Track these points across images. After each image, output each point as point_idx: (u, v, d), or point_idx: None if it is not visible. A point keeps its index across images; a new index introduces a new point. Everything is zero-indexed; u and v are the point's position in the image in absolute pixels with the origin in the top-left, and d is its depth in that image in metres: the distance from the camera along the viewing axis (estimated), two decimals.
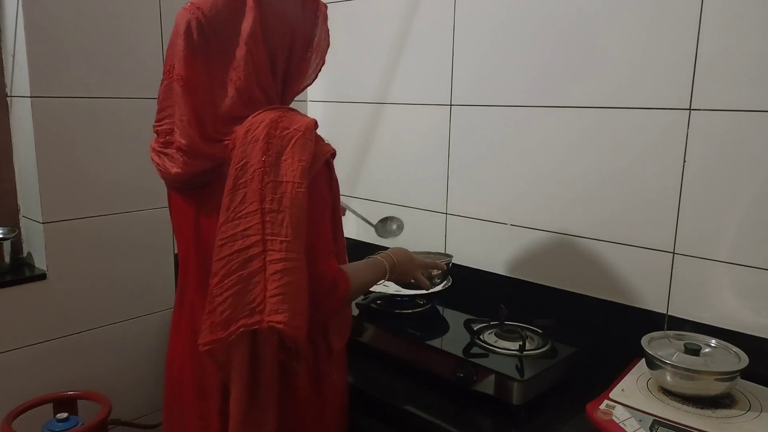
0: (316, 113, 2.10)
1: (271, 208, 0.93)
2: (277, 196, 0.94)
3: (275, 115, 0.98)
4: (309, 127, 0.98)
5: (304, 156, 0.95)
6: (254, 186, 0.94)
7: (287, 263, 0.92)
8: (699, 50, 1.23)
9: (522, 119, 1.53)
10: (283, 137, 0.96)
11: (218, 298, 0.94)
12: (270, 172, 0.94)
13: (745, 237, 1.22)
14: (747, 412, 1.09)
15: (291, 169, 0.94)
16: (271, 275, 0.92)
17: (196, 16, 0.99)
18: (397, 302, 1.52)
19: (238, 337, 0.93)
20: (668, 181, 1.30)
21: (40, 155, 1.54)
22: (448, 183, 1.72)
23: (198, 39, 0.99)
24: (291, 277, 0.92)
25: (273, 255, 0.92)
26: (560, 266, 1.50)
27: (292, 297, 0.92)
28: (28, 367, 1.60)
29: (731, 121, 1.21)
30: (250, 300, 0.92)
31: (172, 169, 1.03)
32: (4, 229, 1.65)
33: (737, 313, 1.24)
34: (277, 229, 0.93)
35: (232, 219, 0.95)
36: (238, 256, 0.93)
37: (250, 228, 0.93)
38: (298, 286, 0.93)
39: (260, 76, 1.01)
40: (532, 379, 1.17)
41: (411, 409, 1.21)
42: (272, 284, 0.92)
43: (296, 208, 0.94)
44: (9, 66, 1.59)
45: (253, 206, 0.94)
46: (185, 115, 1.00)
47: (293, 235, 0.93)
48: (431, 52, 1.70)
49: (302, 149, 0.96)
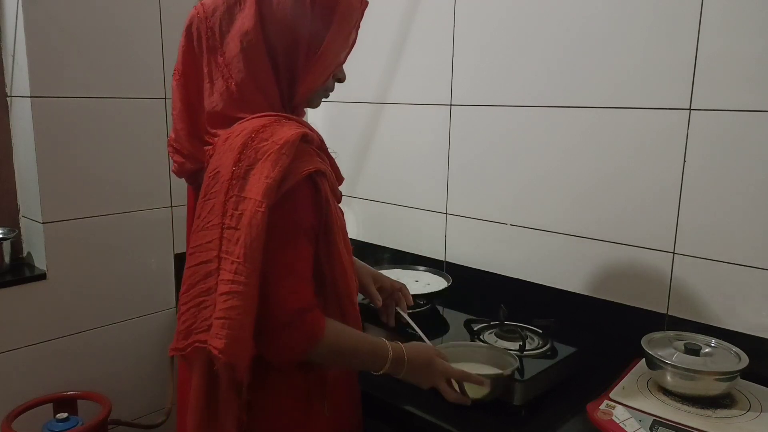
0: (316, 113, 2.09)
1: (230, 224, 0.89)
2: (237, 212, 0.88)
3: (259, 124, 0.92)
4: (289, 141, 0.90)
5: (273, 173, 0.88)
6: (220, 198, 0.90)
7: (234, 286, 0.87)
8: (699, 50, 1.23)
9: (522, 119, 1.53)
10: (257, 149, 0.90)
11: (183, 307, 0.93)
12: (236, 185, 0.89)
13: (745, 237, 1.22)
14: (747, 412, 1.09)
15: (256, 186, 0.88)
16: (219, 295, 0.88)
17: (198, 13, 0.99)
18: None
19: (194, 350, 0.91)
20: (668, 181, 1.30)
21: (40, 155, 1.54)
22: (448, 183, 1.72)
23: (196, 36, 0.99)
24: (236, 301, 0.87)
25: (224, 274, 0.88)
26: (560, 266, 1.50)
27: (234, 323, 0.86)
28: (28, 367, 1.60)
29: (731, 121, 1.21)
30: (205, 317, 0.90)
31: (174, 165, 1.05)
32: (4, 229, 1.65)
33: (737, 313, 1.24)
34: (231, 247, 0.88)
35: (200, 229, 0.92)
36: (201, 268, 0.92)
37: (211, 242, 0.90)
38: (242, 312, 0.87)
39: (258, 76, 0.96)
40: (532, 379, 1.17)
41: (411, 409, 1.21)
42: (219, 305, 0.87)
43: (253, 228, 0.87)
44: (9, 66, 1.59)
45: (216, 219, 0.90)
46: (176, 108, 1.01)
47: (244, 257, 0.87)
48: (431, 52, 1.70)
49: (273, 165, 0.88)
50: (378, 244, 1.93)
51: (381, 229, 1.92)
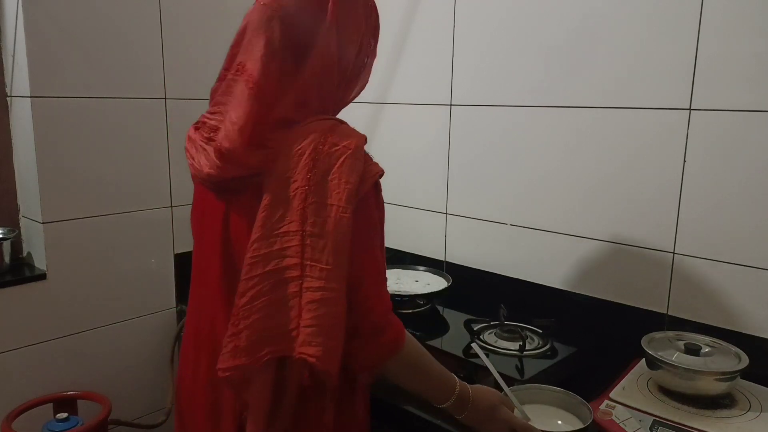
0: None
1: (313, 231, 0.86)
2: (320, 219, 0.86)
3: (325, 128, 0.91)
4: (359, 145, 0.91)
5: (352, 178, 0.88)
6: (296, 204, 0.87)
7: (326, 293, 0.85)
8: (699, 50, 1.23)
9: (522, 119, 1.53)
10: (331, 154, 0.88)
11: (244, 321, 0.86)
12: (314, 191, 0.87)
13: (745, 237, 1.22)
14: (747, 412, 1.09)
15: (337, 191, 0.87)
16: (307, 303, 0.85)
17: (280, 14, 0.91)
18: (397, 302, 1.52)
19: (264, 364, 0.86)
20: (668, 181, 1.30)
21: (40, 155, 1.54)
22: (448, 183, 1.72)
23: (281, 40, 0.91)
24: (328, 308, 0.85)
25: (311, 282, 0.85)
26: (560, 266, 1.50)
27: (328, 331, 0.85)
28: (28, 367, 1.60)
29: (731, 121, 1.21)
30: (281, 325, 0.86)
31: (205, 168, 0.94)
32: (4, 229, 1.65)
33: (737, 313, 1.24)
34: (317, 255, 0.85)
35: (267, 237, 0.87)
36: (271, 277, 0.86)
37: (288, 249, 0.86)
38: (335, 318, 0.86)
39: (324, 85, 0.95)
40: (532, 379, 1.17)
41: (411, 409, 1.21)
42: (307, 314, 0.85)
43: (340, 235, 0.86)
44: (9, 66, 1.59)
45: (293, 226, 0.86)
46: (241, 120, 0.90)
47: (335, 264, 0.85)
48: (431, 52, 1.70)
49: (350, 170, 0.88)
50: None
51: None
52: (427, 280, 1.63)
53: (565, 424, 1.07)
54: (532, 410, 1.09)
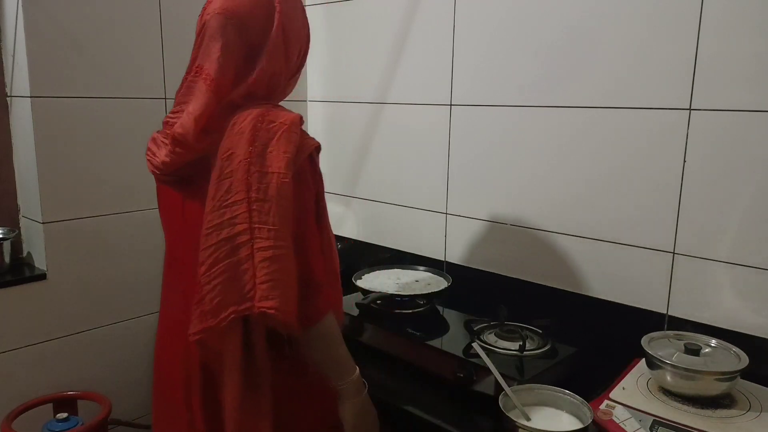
0: (316, 113, 2.10)
1: (258, 197, 0.95)
2: (263, 185, 0.95)
3: (262, 110, 1.01)
4: (294, 121, 1.01)
5: (289, 148, 0.98)
6: (240, 176, 0.96)
7: (276, 251, 0.94)
8: (699, 50, 1.23)
9: (522, 119, 1.53)
10: (269, 130, 0.98)
11: (207, 287, 0.95)
12: (256, 162, 0.96)
13: (745, 237, 1.22)
14: (747, 412, 1.09)
15: (277, 160, 0.96)
16: (260, 262, 0.93)
17: (234, 21, 1.01)
18: (397, 302, 1.52)
19: (229, 323, 0.94)
20: (668, 180, 1.30)
21: (40, 155, 1.54)
22: (448, 183, 1.72)
23: (235, 43, 1.02)
24: (280, 264, 0.94)
25: (261, 243, 0.94)
26: (560, 266, 1.50)
27: (282, 284, 0.93)
28: (28, 367, 1.60)
29: (731, 121, 1.21)
30: (239, 287, 0.94)
31: (161, 157, 1.06)
32: (4, 229, 1.65)
33: (737, 313, 1.24)
34: (264, 217, 0.95)
35: (219, 208, 0.96)
36: (225, 244, 0.95)
37: (237, 216, 0.95)
38: (287, 273, 0.94)
39: (272, 81, 1.05)
40: (532, 379, 1.17)
41: (411, 409, 1.21)
42: (261, 271, 0.93)
43: (282, 199, 0.95)
44: (9, 66, 1.59)
45: (239, 195, 0.95)
46: (197, 111, 1.01)
47: (280, 224, 0.95)
48: (431, 52, 1.70)
49: (287, 141, 0.98)
50: (378, 244, 1.93)
51: (381, 229, 1.92)
52: (427, 280, 1.63)
53: (565, 424, 1.07)
54: (532, 410, 1.09)
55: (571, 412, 1.10)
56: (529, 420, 1.06)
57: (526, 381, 1.16)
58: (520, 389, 1.12)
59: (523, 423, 1.04)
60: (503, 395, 1.09)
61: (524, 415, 1.07)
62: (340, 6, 1.93)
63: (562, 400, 1.11)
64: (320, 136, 2.08)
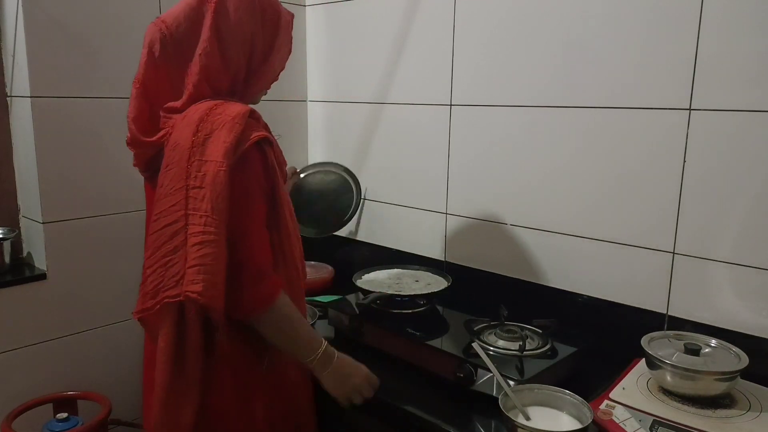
0: (316, 113, 2.10)
1: (194, 184, 0.99)
2: (201, 173, 0.99)
3: (212, 104, 1.05)
4: (240, 113, 1.03)
5: (229, 138, 1.00)
6: (183, 164, 1.00)
7: (205, 236, 0.97)
8: (699, 50, 1.23)
9: (522, 119, 1.53)
10: (213, 121, 1.02)
11: (149, 270, 1.00)
12: (197, 152, 1.00)
13: (745, 237, 1.22)
14: (747, 412, 1.09)
15: (215, 149, 1.00)
16: (191, 247, 0.97)
17: (160, 29, 1.07)
18: (397, 302, 1.52)
19: (163, 307, 0.98)
20: (668, 180, 1.30)
21: (40, 155, 1.54)
22: (448, 183, 1.72)
23: (159, 50, 1.08)
24: (208, 249, 0.96)
25: (193, 228, 0.97)
26: (560, 266, 1.50)
27: (209, 269, 0.96)
28: (28, 367, 1.60)
29: (731, 121, 1.21)
30: (174, 273, 0.98)
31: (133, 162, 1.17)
32: (4, 229, 1.65)
33: (737, 313, 1.24)
34: (198, 204, 0.98)
35: (164, 196, 1.01)
36: (166, 230, 1.00)
37: (176, 204, 0.99)
38: (215, 258, 0.97)
39: (211, 78, 1.08)
40: (532, 379, 1.17)
41: (411, 409, 1.21)
42: (191, 255, 0.96)
43: (217, 185, 0.98)
44: (9, 66, 1.59)
45: (180, 183, 1.00)
46: (132, 113, 1.11)
47: (212, 211, 0.97)
48: (431, 52, 1.70)
49: (228, 131, 1.01)
50: (378, 244, 1.93)
51: (381, 229, 1.92)
52: (427, 280, 1.63)
53: (565, 424, 1.07)
54: (532, 410, 1.09)
55: (571, 412, 1.09)
56: (529, 420, 1.06)
57: (526, 381, 1.15)
58: (520, 389, 1.12)
59: (523, 423, 1.04)
60: (503, 395, 1.08)
61: (524, 415, 1.07)
62: (340, 6, 1.93)
63: (562, 400, 1.11)
64: (320, 136, 2.08)
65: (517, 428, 1.03)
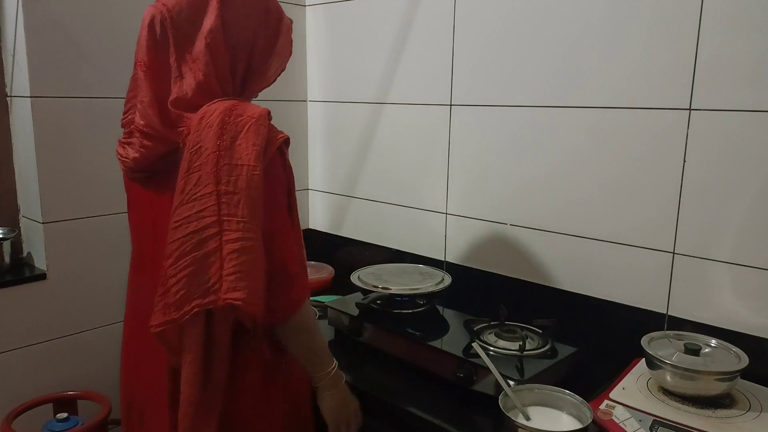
0: (316, 113, 2.10)
1: (227, 189, 0.95)
2: (233, 178, 0.95)
3: (230, 104, 1.00)
4: (262, 114, 1.01)
5: (258, 140, 0.97)
6: (209, 169, 0.95)
7: (244, 242, 0.94)
8: (699, 50, 1.23)
9: (522, 119, 1.53)
10: (237, 123, 0.98)
11: (172, 279, 0.94)
12: (225, 155, 0.96)
13: (745, 237, 1.22)
14: (747, 412, 1.09)
15: (246, 153, 0.96)
16: (228, 254, 0.93)
17: (161, 11, 1.02)
18: (397, 302, 1.52)
19: (192, 317, 0.94)
20: (668, 180, 1.30)
21: (40, 155, 1.54)
22: (448, 183, 1.72)
23: (160, 32, 1.02)
24: (248, 256, 0.94)
25: (229, 235, 0.94)
26: (560, 266, 1.50)
27: (250, 275, 0.93)
28: (28, 367, 1.60)
29: (731, 121, 1.21)
30: (205, 280, 0.93)
31: (131, 154, 1.07)
32: (4, 229, 1.65)
33: (737, 313, 1.24)
34: (233, 210, 0.94)
35: (187, 201, 0.96)
36: (193, 237, 0.94)
37: (206, 209, 0.95)
38: (255, 264, 0.94)
39: (219, 71, 1.04)
40: (532, 379, 1.17)
41: (411, 409, 1.21)
42: (229, 263, 0.93)
43: (252, 190, 0.95)
44: (9, 66, 1.59)
45: (208, 188, 0.95)
46: (146, 97, 1.04)
47: (249, 216, 0.94)
48: (431, 52, 1.70)
49: (256, 134, 0.98)
50: (378, 244, 1.93)
51: (381, 229, 1.92)
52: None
53: (565, 424, 1.07)
54: (532, 410, 1.09)
55: (571, 412, 1.09)
56: (529, 420, 1.06)
57: (526, 381, 1.16)
58: (520, 389, 1.12)
59: (523, 423, 1.04)
60: (503, 395, 1.08)
61: (524, 415, 1.07)
62: (340, 6, 1.93)
63: (562, 400, 1.11)
64: (320, 136, 2.08)
65: (517, 428, 1.03)
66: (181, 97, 1.02)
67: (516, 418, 1.05)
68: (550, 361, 1.26)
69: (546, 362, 1.25)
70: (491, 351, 1.28)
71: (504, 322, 1.39)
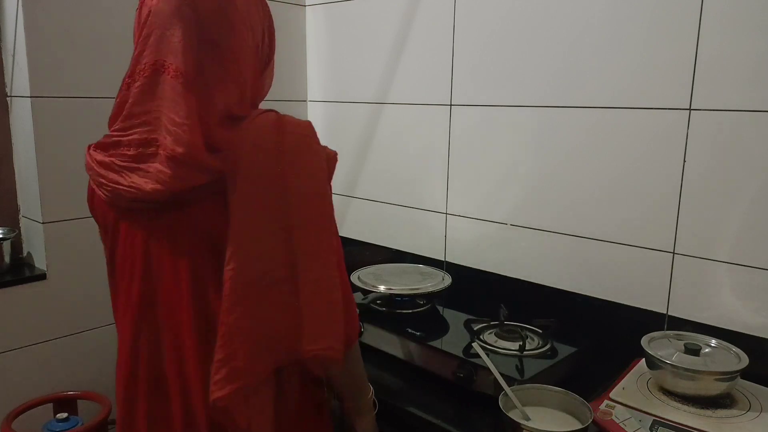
0: (316, 113, 2.10)
1: (298, 223, 0.82)
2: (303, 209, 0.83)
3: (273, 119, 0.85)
4: (312, 129, 0.88)
5: (321, 163, 0.86)
6: (269, 200, 0.81)
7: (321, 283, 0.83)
8: (699, 50, 1.23)
9: (522, 119, 1.53)
10: (290, 142, 0.84)
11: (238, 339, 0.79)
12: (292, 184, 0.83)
13: (745, 237, 1.22)
14: (747, 412, 1.09)
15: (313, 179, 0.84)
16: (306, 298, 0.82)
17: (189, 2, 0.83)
18: (397, 302, 1.52)
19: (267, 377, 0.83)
20: (668, 180, 1.30)
21: (40, 155, 1.54)
22: (448, 183, 1.72)
23: (196, 29, 0.83)
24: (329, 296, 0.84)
25: (306, 275, 0.82)
26: (560, 266, 1.50)
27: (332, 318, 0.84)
28: (28, 367, 1.60)
29: (731, 121, 1.21)
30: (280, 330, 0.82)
31: (147, 186, 0.82)
32: (4, 229, 1.65)
33: (737, 313, 1.24)
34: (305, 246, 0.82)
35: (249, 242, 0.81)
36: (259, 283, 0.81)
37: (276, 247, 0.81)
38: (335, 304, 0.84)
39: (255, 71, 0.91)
40: (532, 379, 1.17)
41: (411, 409, 1.21)
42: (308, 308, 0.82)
43: (324, 219, 0.85)
44: (9, 66, 1.59)
45: (273, 224, 0.81)
46: (187, 119, 0.80)
47: (325, 250, 0.84)
48: (431, 52, 1.70)
49: (314, 154, 0.86)
50: (378, 244, 1.93)
51: (381, 229, 1.92)
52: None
53: (565, 424, 1.07)
54: (532, 410, 1.09)
55: (571, 412, 1.09)
56: (529, 420, 1.06)
57: (526, 381, 1.16)
58: (520, 389, 1.12)
59: (523, 423, 1.04)
60: (503, 395, 1.08)
61: (524, 415, 1.07)
62: (340, 6, 1.93)
63: (562, 400, 1.11)
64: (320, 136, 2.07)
65: (517, 428, 1.03)
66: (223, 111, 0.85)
67: (516, 419, 1.05)
68: (550, 361, 1.26)
69: (546, 362, 1.25)
70: (491, 351, 1.28)
71: (504, 322, 1.39)
